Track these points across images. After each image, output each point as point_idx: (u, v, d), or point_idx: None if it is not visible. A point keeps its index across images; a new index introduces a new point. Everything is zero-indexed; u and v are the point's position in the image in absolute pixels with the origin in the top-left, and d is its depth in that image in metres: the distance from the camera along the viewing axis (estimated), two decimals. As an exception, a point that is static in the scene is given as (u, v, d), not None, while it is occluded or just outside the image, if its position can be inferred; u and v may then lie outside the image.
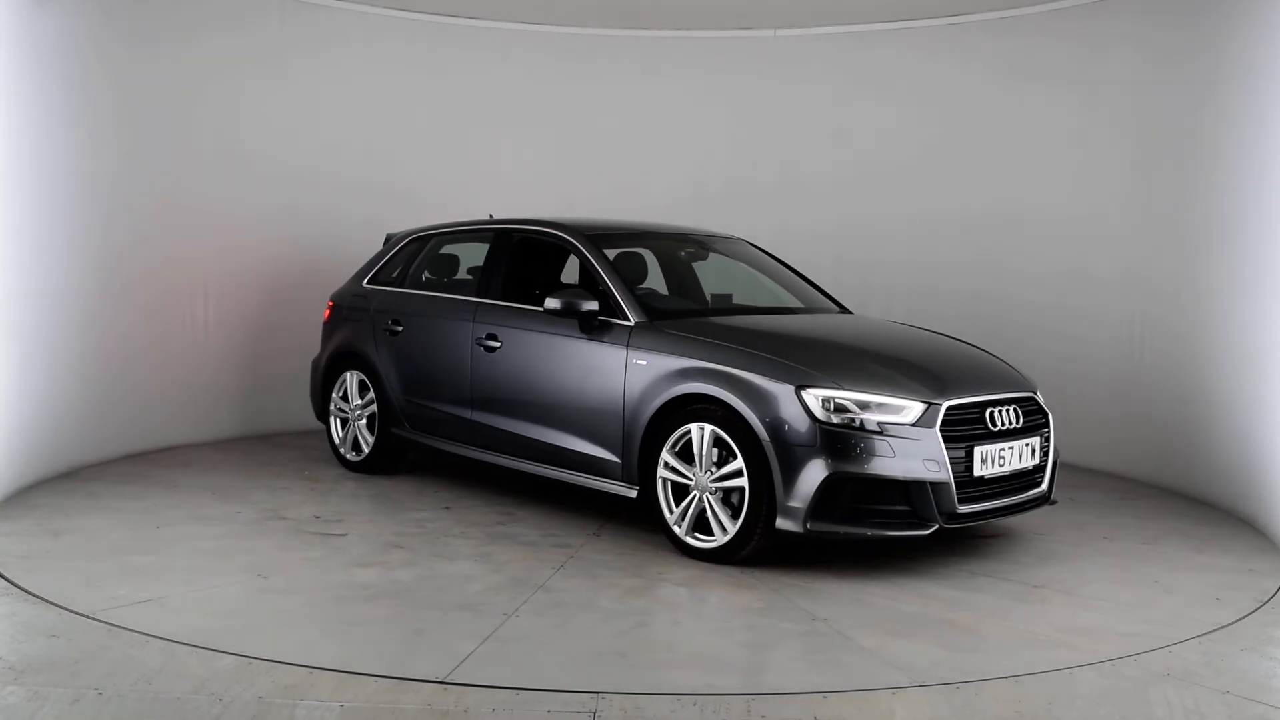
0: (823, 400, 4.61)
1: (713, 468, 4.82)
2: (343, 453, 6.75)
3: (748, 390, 4.73)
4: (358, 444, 6.66)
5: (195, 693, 3.31)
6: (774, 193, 8.53)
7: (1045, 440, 5.12)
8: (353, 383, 6.68)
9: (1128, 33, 7.01)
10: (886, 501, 4.60)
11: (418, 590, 4.40)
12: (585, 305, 5.35)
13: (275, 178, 7.75)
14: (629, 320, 5.30)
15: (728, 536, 4.77)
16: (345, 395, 6.73)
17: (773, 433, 4.62)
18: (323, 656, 3.62)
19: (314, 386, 7.00)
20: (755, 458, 4.66)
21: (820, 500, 4.54)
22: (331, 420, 6.84)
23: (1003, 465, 4.84)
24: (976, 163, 7.90)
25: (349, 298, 6.90)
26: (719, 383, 4.82)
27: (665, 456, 4.98)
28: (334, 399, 6.79)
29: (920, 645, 3.90)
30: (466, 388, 5.98)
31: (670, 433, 4.96)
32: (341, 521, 5.50)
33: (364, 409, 6.61)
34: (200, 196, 7.34)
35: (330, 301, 7.04)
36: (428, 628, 3.97)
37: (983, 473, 4.75)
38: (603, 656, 3.73)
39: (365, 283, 6.87)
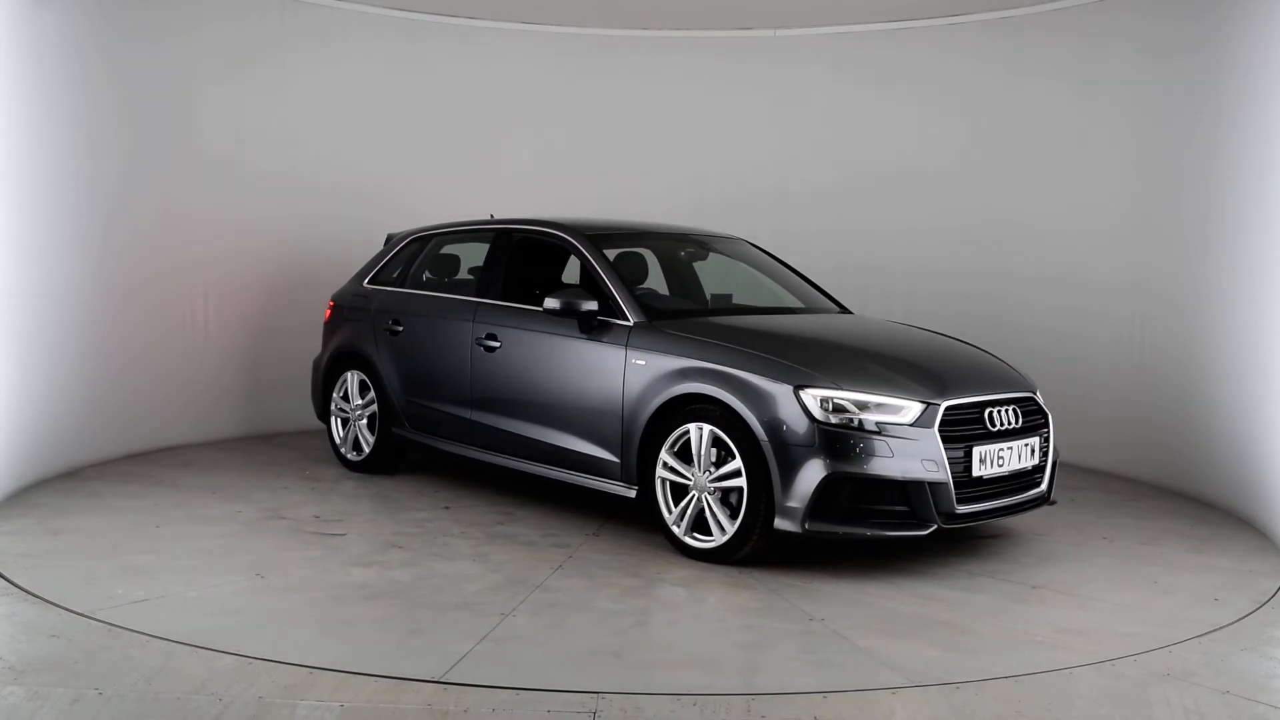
0: (821, 400, 4.60)
1: (711, 468, 4.81)
2: (343, 452, 6.76)
3: (746, 390, 4.73)
4: (358, 444, 6.67)
5: (195, 693, 3.32)
6: (773, 193, 8.52)
7: (1045, 440, 5.10)
8: (353, 383, 6.69)
9: (1128, 32, 7.00)
10: (885, 502, 4.60)
11: (415, 590, 4.40)
12: (584, 305, 5.35)
13: (276, 178, 7.76)
14: (628, 320, 5.30)
15: (726, 536, 4.77)
16: (346, 395, 6.74)
17: (771, 433, 4.62)
18: (319, 656, 3.63)
19: (315, 386, 7.01)
20: (753, 458, 4.65)
21: (818, 500, 4.54)
22: (332, 420, 6.85)
23: (1002, 465, 4.83)
24: (977, 163, 7.89)
25: (350, 298, 6.91)
26: (717, 383, 4.81)
27: (664, 456, 4.98)
28: (335, 399, 6.80)
29: (916, 646, 3.90)
30: (466, 388, 5.98)
31: (669, 433, 4.96)
32: (341, 521, 5.51)
33: (364, 409, 6.62)
34: (201, 197, 7.35)
35: (331, 301, 7.05)
36: (424, 627, 3.97)
37: (981, 473, 4.74)
38: (598, 656, 3.73)
39: (366, 283, 6.88)
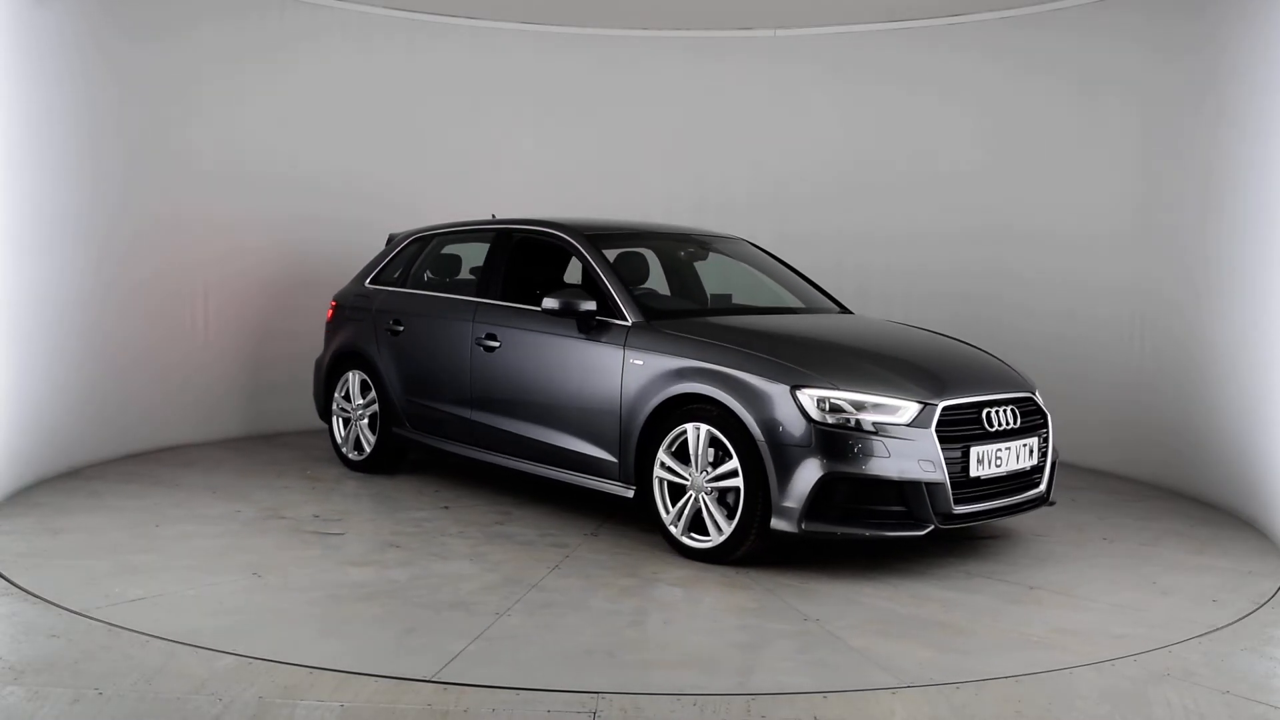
0: (818, 400, 4.60)
1: (708, 468, 4.81)
2: (345, 452, 6.77)
3: (743, 390, 4.73)
4: (359, 443, 6.69)
5: (195, 693, 3.32)
6: (774, 192, 8.51)
7: (1044, 441, 5.09)
8: (354, 382, 6.70)
9: (1128, 32, 6.98)
10: (882, 502, 4.59)
11: (411, 589, 4.41)
12: (583, 305, 5.35)
13: (277, 179, 7.77)
14: (626, 320, 5.29)
15: (723, 537, 4.77)
16: (347, 395, 6.75)
17: (767, 433, 4.61)
18: (316, 655, 3.63)
19: (317, 386, 7.03)
20: (750, 458, 4.65)
21: (815, 500, 4.53)
22: (334, 420, 6.87)
23: (1000, 466, 4.82)
24: (977, 163, 7.88)
25: (351, 298, 6.92)
26: (714, 383, 4.81)
27: (661, 456, 4.98)
28: (336, 399, 6.82)
29: (910, 646, 3.89)
30: (466, 388, 5.99)
31: (667, 433, 4.95)
32: (340, 520, 5.52)
33: (365, 409, 6.63)
34: (202, 198, 7.36)
35: (333, 301, 7.06)
36: (419, 626, 3.97)
37: (979, 473, 4.72)
38: (592, 655, 3.72)
39: (367, 283, 6.89)
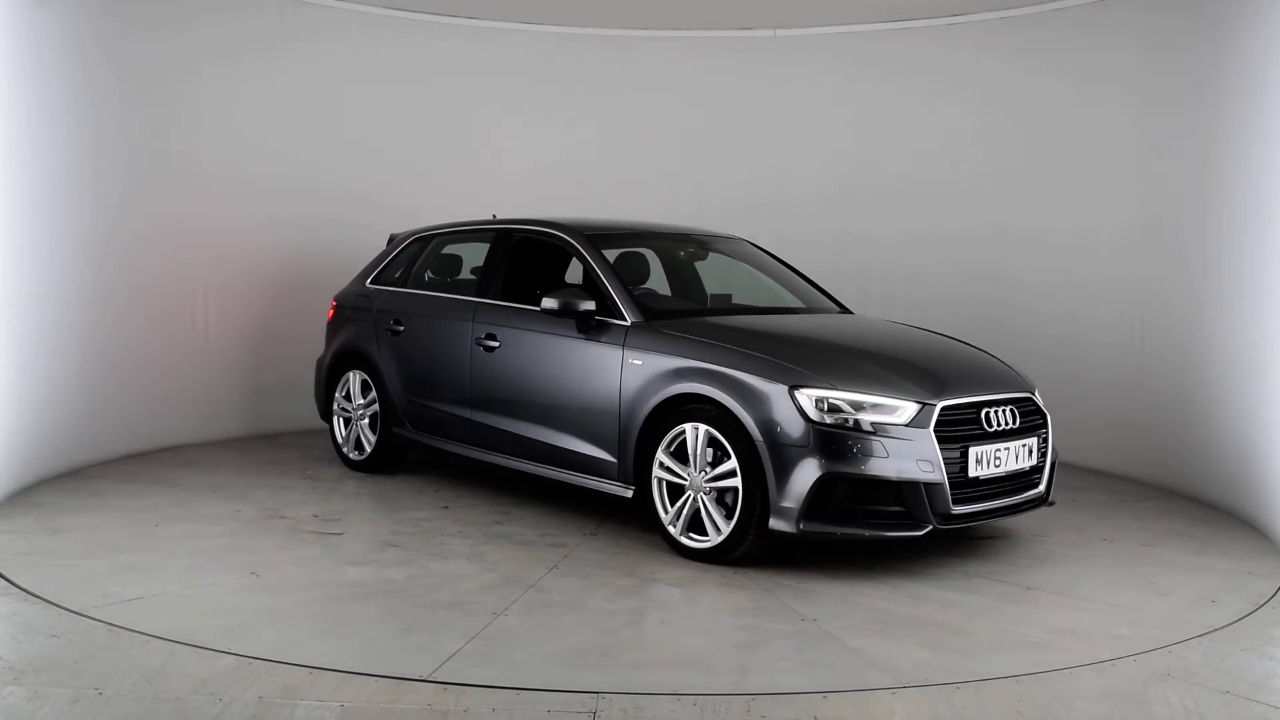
0: (816, 400, 4.59)
1: (707, 468, 4.81)
2: (345, 452, 6.78)
3: (741, 390, 4.72)
4: (360, 443, 6.69)
5: (195, 693, 3.32)
6: (774, 191, 8.50)
7: (1043, 441, 5.08)
8: (355, 382, 6.71)
9: (1129, 32, 6.96)
10: (880, 502, 4.58)
11: (409, 589, 4.41)
12: (582, 305, 5.34)
13: (278, 180, 7.78)
14: (625, 320, 5.29)
15: (721, 537, 4.76)
16: (348, 395, 6.76)
17: (766, 433, 4.61)
18: (313, 654, 3.64)
19: (318, 386, 7.03)
20: (749, 458, 4.65)
21: (813, 500, 4.52)
22: (335, 420, 6.87)
23: (999, 466, 4.81)
24: (977, 163, 7.86)
25: (352, 298, 6.93)
26: (713, 382, 4.81)
27: (660, 456, 4.97)
28: (337, 398, 6.82)
29: (906, 646, 3.88)
30: (466, 388, 5.99)
31: (665, 433, 4.95)
32: (340, 520, 5.52)
33: (366, 409, 6.64)
34: (204, 199, 7.37)
35: (334, 301, 7.07)
36: (415, 626, 3.98)
37: (978, 473, 4.72)
38: (588, 655, 3.72)
39: (368, 283, 6.90)
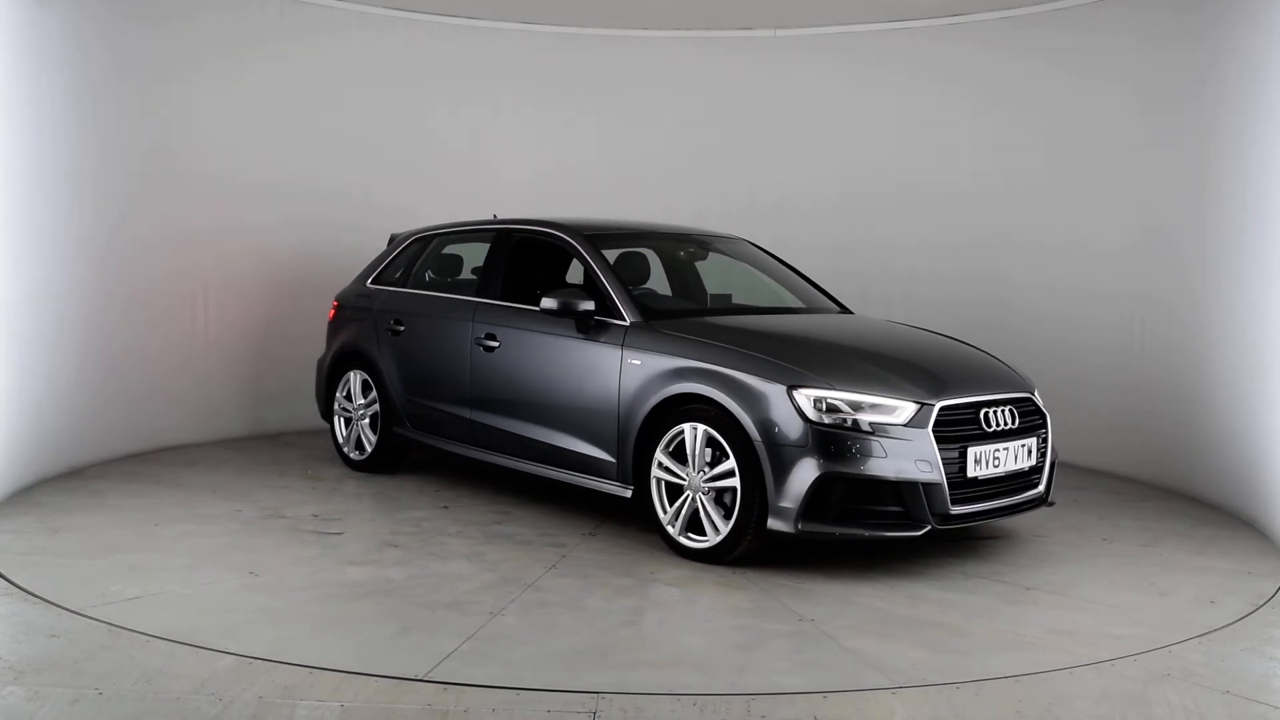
0: (814, 400, 4.59)
1: (705, 468, 4.81)
2: (346, 452, 6.79)
3: (740, 390, 4.72)
4: (361, 443, 6.70)
5: (195, 693, 3.33)
6: (774, 191, 8.49)
7: (1043, 441, 5.08)
8: (356, 382, 6.72)
9: (1129, 32, 6.95)
10: (878, 502, 4.58)
11: (408, 589, 4.42)
12: (581, 305, 5.35)
13: (279, 181, 7.78)
14: (624, 320, 5.29)
15: (720, 537, 4.76)
16: (349, 395, 6.76)
17: (764, 433, 4.61)
18: (311, 654, 3.64)
19: (319, 386, 7.04)
20: (747, 458, 4.65)
21: (811, 501, 4.52)
22: (335, 420, 6.88)
23: (998, 466, 4.81)
24: (978, 163, 7.86)
25: (353, 298, 6.93)
26: (711, 382, 4.81)
27: (659, 456, 4.98)
28: (338, 398, 6.83)
29: (904, 647, 3.88)
30: (466, 388, 6.00)
31: (664, 433, 4.95)
32: (340, 520, 5.53)
33: (367, 408, 6.64)
34: (205, 199, 7.38)
35: (335, 301, 7.08)
36: (412, 626, 3.98)
37: (977, 474, 4.71)
38: (586, 655, 3.72)
39: (369, 283, 6.90)
